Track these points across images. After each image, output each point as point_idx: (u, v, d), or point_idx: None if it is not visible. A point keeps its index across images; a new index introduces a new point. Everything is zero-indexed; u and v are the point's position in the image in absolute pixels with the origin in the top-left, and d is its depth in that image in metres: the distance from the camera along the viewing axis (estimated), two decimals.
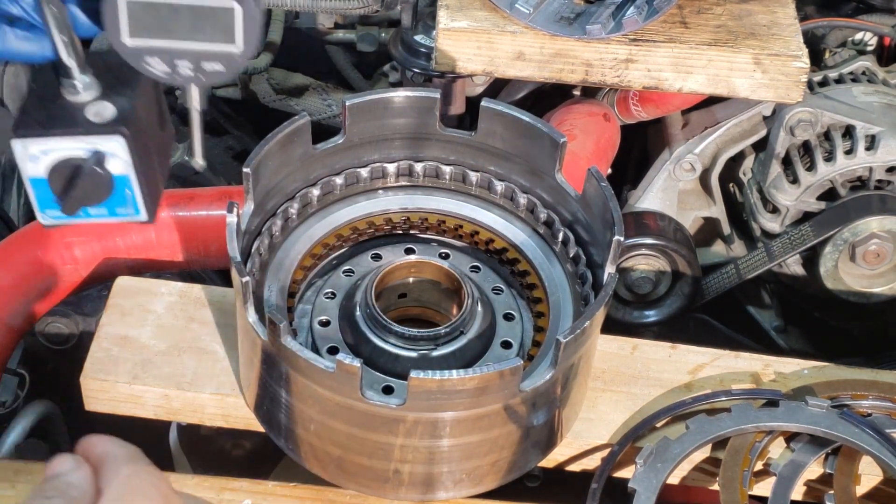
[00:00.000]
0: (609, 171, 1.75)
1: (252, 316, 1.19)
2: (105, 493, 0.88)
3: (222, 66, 1.03)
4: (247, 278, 1.17)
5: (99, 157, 1.09)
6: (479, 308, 1.30)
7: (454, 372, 1.12)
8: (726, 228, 1.84)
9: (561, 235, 1.36)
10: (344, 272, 1.37)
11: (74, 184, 1.10)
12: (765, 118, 1.76)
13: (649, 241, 1.75)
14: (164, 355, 1.36)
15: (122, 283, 1.44)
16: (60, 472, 0.90)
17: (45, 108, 1.09)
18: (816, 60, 1.84)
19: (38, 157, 1.09)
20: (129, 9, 0.98)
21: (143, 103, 1.13)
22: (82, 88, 1.10)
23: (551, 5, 1.46)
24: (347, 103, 1.31)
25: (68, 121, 1.08)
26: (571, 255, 1.35)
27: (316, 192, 1.37)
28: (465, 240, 1.42)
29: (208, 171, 1.83)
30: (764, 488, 1.31)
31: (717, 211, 1.82)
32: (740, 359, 1.44)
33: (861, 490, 1.32)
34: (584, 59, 1.46)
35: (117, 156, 1.09)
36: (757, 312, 1.91)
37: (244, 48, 1.02)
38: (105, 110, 1.10)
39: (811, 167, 1.72)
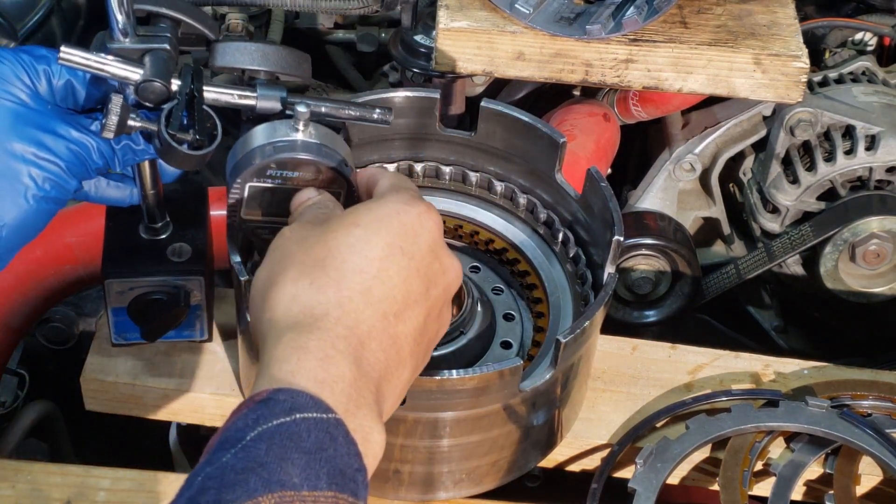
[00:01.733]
0: (609, 171, 1.75)
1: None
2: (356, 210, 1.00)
3: None
4: (247, 278, 1.17)
5: (186, 297, 1.23)
6: (479, 308, 1.30)
7: (454, 372, 1.12)
8: (726, 228, 1.84)
9: (561, 235, 1.36)
10: None
11: (157, 316, 1.23)
12: (765, 118, 1.76)
13: (649, 241, 1.75)
14: (164, 355, 1.36)
15: None
16: (305, 197, 1.08)
17: (129, 249, 1.24)
18: (816, 60, 1.83)
19: (124, 292, 1.23)
20: (249, 192, 1.10)
21: (209, 239, 1.27)
22: (160, 229, 1.24)
23: (551, 5, 1.45)
24: None
25: (153, 261, 1.23)
26: (571, 256, 1.35)
27: None
28: (464, 240, 1.42)
29: (208, 171, 1.82)
30: (764, 488, 1.31)
31: (717, 211, 1.82)
32: (740, 359, 1.45)
33: (861, 490, 1.32)
34: (584, 59, 1.46)
35: (194, 291, 1.23)
36: (757, 312, 1.91)
37: None
38: (183, 250, 1.24)
39: (811, 167, 1.72)
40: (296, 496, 0.78)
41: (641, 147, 1.93)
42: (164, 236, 1.24)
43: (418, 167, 1.41)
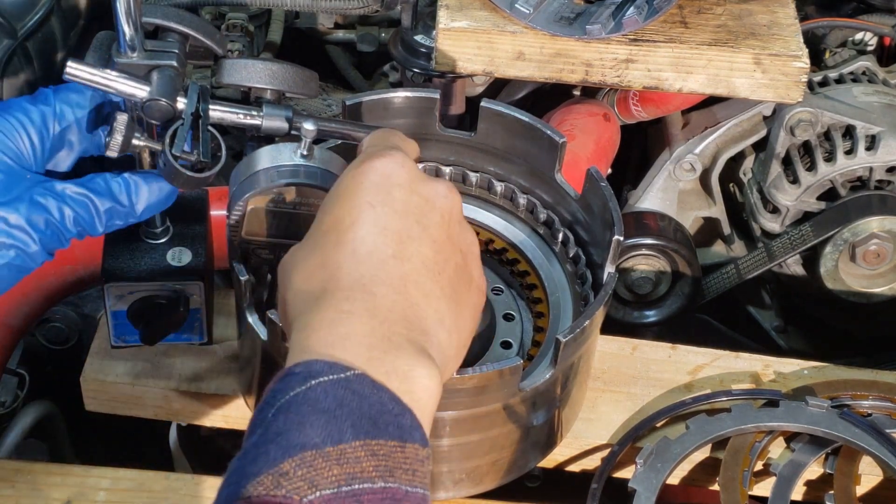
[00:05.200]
0: (609, 171, 1.75)
1: (252, 316, 1.19)
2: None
3: None
4: (246, 277, 1.17)
5: (184, 301, 1.22)
6: None
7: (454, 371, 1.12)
8: (726, 228, 1.84)
9: (561, 235, 1.36)
10: None
11: (156, 320, 1.23)
12: (765, 118, 1.76)
13: (649, 241, 1.75)
14: (164, 355, 1.36)
15: None
16: None
17: (129, 252, 1.23)
18: (816, 60, 1.83)
19: (123, 296, 1.22)
20: (251, 213, 1.11)
21: (209, 243, 1.27)
22: (161, 233, 1.23)
23: (551, 5, 1.45)
24: (347, 103, 1.31)
25: (153, 266, 1.22)
26: (571, 255, 1.35)
27: None
28: None
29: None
30: (764, 488, 1.31)
31: (717, 211, 1.82)
32: (740, 359, 1.45)
33: (861, 490, 1.32)
34: (584, 59, 1.46)
35: (194, 296, 1.22)
36: (757, 312, 1.91)
37: None
38: (183, 255, 1.23)
39: (811, 167, 1.72)
40: (318, 454, 0.77)
41: (641, 147, 1.93)
42: (164, 240, 1.25)
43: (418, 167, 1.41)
